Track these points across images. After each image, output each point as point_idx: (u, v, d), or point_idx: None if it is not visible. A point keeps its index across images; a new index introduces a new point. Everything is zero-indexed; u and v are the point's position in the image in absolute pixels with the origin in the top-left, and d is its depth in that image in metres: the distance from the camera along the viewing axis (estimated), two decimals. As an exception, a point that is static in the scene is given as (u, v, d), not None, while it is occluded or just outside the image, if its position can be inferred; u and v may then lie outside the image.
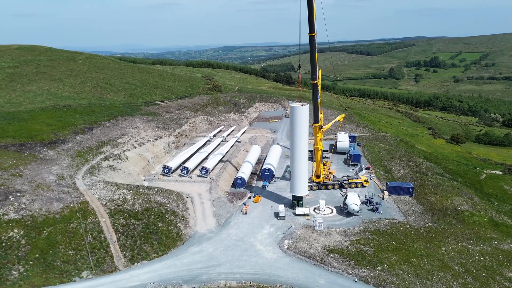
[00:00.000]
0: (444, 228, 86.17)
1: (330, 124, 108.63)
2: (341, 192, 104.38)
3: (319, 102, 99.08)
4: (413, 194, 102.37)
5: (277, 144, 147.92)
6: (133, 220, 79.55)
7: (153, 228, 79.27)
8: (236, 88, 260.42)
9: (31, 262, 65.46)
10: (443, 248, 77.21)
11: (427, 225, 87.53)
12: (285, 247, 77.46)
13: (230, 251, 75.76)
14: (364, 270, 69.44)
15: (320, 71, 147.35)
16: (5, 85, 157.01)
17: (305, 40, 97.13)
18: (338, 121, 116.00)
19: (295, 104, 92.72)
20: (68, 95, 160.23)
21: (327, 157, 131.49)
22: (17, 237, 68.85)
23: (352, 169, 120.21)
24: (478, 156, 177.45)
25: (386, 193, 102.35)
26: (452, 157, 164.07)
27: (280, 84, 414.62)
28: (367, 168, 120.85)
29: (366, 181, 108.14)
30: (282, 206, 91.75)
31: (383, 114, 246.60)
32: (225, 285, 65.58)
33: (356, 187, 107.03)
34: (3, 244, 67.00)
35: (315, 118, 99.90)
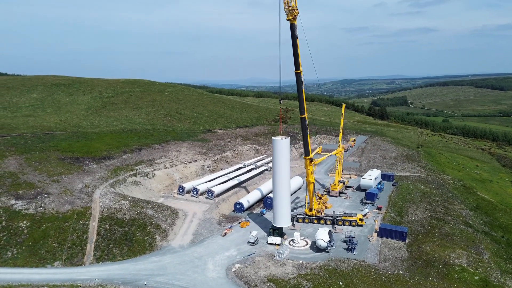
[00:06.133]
0: (414, 279, 78.71)
1: (323, 157, 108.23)
2: (331, 229, 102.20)
3: (308, 135, 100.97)
4: (406, 240, 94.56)
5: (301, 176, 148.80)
6: (116, 227, 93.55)
7: (130, 235, 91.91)
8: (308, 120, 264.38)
9: (23, 247, 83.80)
10: (389, 298, 71.53)
11: (396, 272, 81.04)
12: (232, 270, 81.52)
13: (181, 266, 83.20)
14: (285, 303, 69.61)
15: (344, 106, 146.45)
16: (96, 111, 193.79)
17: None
18: (335, 155, 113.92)
19: (276, 138, 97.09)
20: (141, 121, 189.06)
21: (344, 193, 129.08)
22: (23, 227, 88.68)
23: (361, 208, 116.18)
24: None
25: (375, 234, 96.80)
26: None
27: (371, 118, 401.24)
28: (378, 208, 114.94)
29: (361, 220, 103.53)
30: (254, 233, 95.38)
31: (465, 155, 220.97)
32: (154, 292, 73.49)
33: (350, 225, 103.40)
34: (11, 230, 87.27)
35: (305, 151, 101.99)
